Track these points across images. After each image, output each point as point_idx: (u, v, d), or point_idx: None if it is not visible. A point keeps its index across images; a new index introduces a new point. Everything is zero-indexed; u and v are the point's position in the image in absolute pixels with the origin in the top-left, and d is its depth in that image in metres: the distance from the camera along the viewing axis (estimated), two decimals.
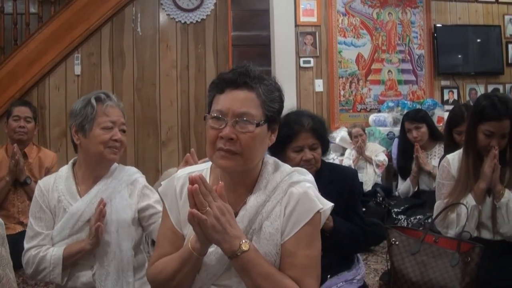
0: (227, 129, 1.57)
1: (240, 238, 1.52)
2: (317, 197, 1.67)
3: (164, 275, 1.65)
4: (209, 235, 1.49)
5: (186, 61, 6.70)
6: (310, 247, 1.63)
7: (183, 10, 6.66)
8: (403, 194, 4.82)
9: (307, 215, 1.62)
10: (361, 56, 7.20)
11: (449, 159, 2.98)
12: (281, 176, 1.69)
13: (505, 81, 7.73)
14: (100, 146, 2.26)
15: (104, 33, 6.41)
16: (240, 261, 1.52)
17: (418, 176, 4.69)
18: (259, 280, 1.53)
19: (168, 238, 1.74)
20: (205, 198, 1.48)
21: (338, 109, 7.07)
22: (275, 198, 1.66)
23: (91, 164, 2.34)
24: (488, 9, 7.77)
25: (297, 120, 2.60)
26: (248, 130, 1.59)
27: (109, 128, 2.28)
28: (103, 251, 2.24)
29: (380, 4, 7.30)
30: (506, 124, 2.72)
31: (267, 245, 1.62)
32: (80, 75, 6.32)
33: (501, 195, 2.72)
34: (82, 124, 2.27)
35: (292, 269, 1.60)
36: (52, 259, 2.19)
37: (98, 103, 2.29)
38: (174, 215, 1.74)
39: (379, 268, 3.90)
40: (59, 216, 2.28)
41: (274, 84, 1.69)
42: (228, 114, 1.59)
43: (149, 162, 6.51)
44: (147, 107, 6.59)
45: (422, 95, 7.34)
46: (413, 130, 4.76)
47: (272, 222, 1.63)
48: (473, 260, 2.36)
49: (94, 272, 2.23)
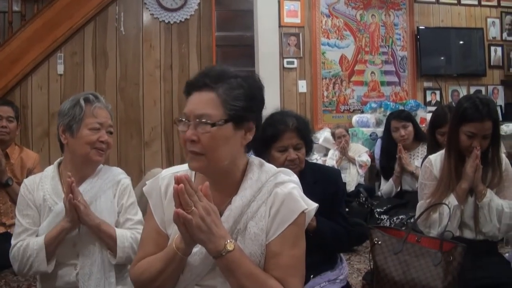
0: (189, 132, 1.59)
1: (225, 238, 1.52)
2: (302, 197, 1.67)
3: (148, 275, 1.64)
4: (194, 235, 1.49)
5: (169, 61, 6.69)
6: (295, 247, 1.63)
7: (166, 9, 6.65)
8: (385, 194, 4.85)
9: (292, 216, 1.61)
10: (345, 57, 7.23)
11: (432, 159, 2.99)
12: (266, 176, 1.69)
13: (487, 83, 7.82)
14: (86, 147, 2.26)
15: (87, 32, 6.36)
16: (225, 261, 1.51)
17: (401, 176, 4.72)
18: (244, 280, 1.52)
19: (152, 238, 1.73)
20: (190, 197, 1.47)
21: (321, 110, 7.09)
22: (260, 198, 1.65)
23: (77, 164, 2.34)
24: (471, 12, 7.85)
25: (281, 120, 2.60)
26: (206, 131, 1.58)
27: (96, 129, 2.28)
28: (86, 251, 2.24)
29: (363, 6, 7.34)
30: (487, 125, 2.74)
31: (252, 245, 1.61)
32: (63, 74, 6.27)
33: (483, 195, 2.74)
34: (69, 124, 2.27)
35: (276, 269, 1.59)
36: (35, 245, 2.17)
37: (86, 104, 2.29)
38: (159, 215, 1.73)
39: (362, 267, 3.91)
40: (45, 215, 2.28)
41: (240, 82, 1.66)
42: (190, 116, 1.60)
43: (132, 162, 6.47)
44: (130, 107, 6.55)
45: (404, 96, 7.39)
46: (400, 128, 4.78)
47: (257, 222, 1.63)
48: (455, 259, 2.38)
49: (77, 271, 2.22)
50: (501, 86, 7.89)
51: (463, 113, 2.79)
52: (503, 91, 7.88)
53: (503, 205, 2.73)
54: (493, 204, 2.72)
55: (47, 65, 6.22)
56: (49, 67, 6.23)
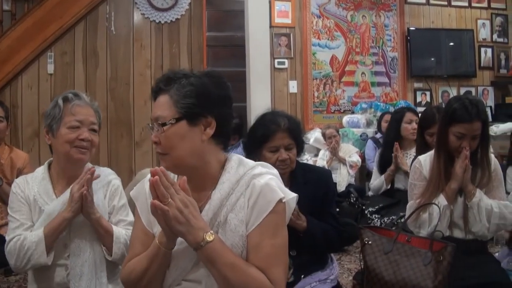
0: (152, 135, 1.68)
1: (204, 229, 1.54)
2: (279, 187, 1.68)
3: (136, 274, 1.67)
4: (172, 227, 1.52)
5: (160, 61, 6.67)
6: (275, 237, 1.64)
7: (157, 9, 6.64)
8: (374, 189, 4.83)
9: (270, 205, 1.63)
10: (335, 58, 7.25)
11: (421, 160, 3.00)
12: (244, 169, 1.72)
13: (477, 84, 7.87)
14: (66, 146, 2.26)
15: (78, 31, 6.33)
16: (205, 252, 1.53)
17: (394, 174, 4.72)
18: (225, 270, 1.54)
19: (139, 239, 1.77)
20: (167, 190, 1.51)
21: (312, 110, 7.11)
22: (239, 190, 1.68)
23: (62, 164, 2.34)
24: (461, 14, 7.90)
25: (273, 120, 2.61)
26: (161, 131, 1.66)
27: (75, 127, 2.27)
28: (77, 251, 2.23)
29: (354, 6, 7.36)
30: (476, 126, 2.75)
31: (233, 236, 1.63)
32: (53, 74, 6.23)
33: (473, 195, 2.74)
34: (50, 125, 2.29)
35: (258, 259, 1.61)
36: (33, 237, 2.17)
37: (65, 103, 2.30)
38: (145, 216, 1.77)
39: (353, 267, 3.93)
40: (36, 215, 2.28)
41: (191, 80, 1.70)
42: (152, 121, 1.69)
43: (123, 162, 6.45)
44: (120, 107, 6.53)
45: (395, 97, 7.42)
46: (414, 122, 4.77)
47: (237, 214, 1.65)
48: (445, 258, 2.38)
49: (68, 272, 2.22)
50: (491, 87, 7.94)
51: (452, 113, 2.80)
52: (493, 92, 7.93)
53: (492, 205, 2.74)
54: (482, 204, 2.73)
55: (37, 65, 6.19)
56: (39, 66, 6.20)
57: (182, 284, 1.67)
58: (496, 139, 6.09)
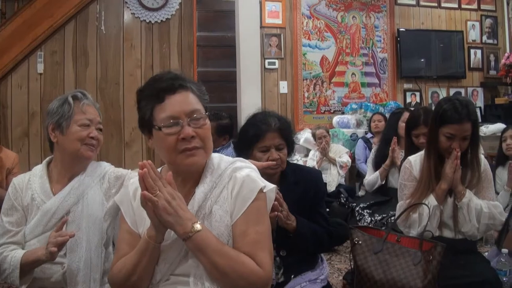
0: (187, 129, 1.68)
1: (192, 220, 1.61)
2: (259, 178, 1.77)
3: (125, 271, 1.69)
4: (161, 217, 1.58)
5: (150, 61, 6.67)
6: (259, 223, 1.70)
7: (147, 9, 6.63)
8: (369, 185, 4.81)
9: (252, 194, 1.70)
10: (325, 58, 7.26)
11: (411, 160, 3.01)
12: (225, 164, 1.79)
13: (466, 85, 7.91)
14: (77, 143, 2.27)
15: (68, 31, 6.32)
16: (194, 241, 1.59)
17: (389, 170, 4.71)
18: (215, 257, 1.60)
19: (125, 240, 1.80)
20: (155, 182, 1.58)
21: (302, 111, 7.12)
22: (221, 183, 1.75)
23: (67, 162, 2.34)
24: (451, 15, 7.94)
25: (264, 120, 2.60)
26: (203, 124, 1.72)
27: (86, 125, 2.30)
28: (74, 248, 2.23)
29: (344, 7, 7.38)
30: (466, 127, 2.76)
31: (218, 227, 1.68)
32: (42, 73, 6.22)
33: (462, 195, 2.75)
34: (59, 122, 2.28)
35: (245, 245, 1.66)
36: (11, 261, 2.17)
37: (75, 101, 2.31)
38: (129, 217, 1.81)
39: (343, 267, 3.93)
40: (32, 214, 2.28)
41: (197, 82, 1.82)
42: (180, 117, 1.68)
43: (112, 163, 6.18)
44: (110, 107, 6.52)
45: (385, 98, 7.45)
46: None
47: (221, 205, 1.71)
48: (435, 258, 2.40)
49: (64, 270, 2.21)
50: (481, 88, 7.98)
51: (442, 114, 2.81)
52: (482, 93, 7.98)
53: (482, 205, 2.75)
54: (472, 205, 2.74)
55: (27, 64, 6.17)
56: (29, 66, 6.18)
57: (171, 279, 1.70)
58: (485, 139, 6.11)
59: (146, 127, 1.75)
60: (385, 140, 4.92)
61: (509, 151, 4.53)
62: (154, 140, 1.74)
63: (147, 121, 1.73)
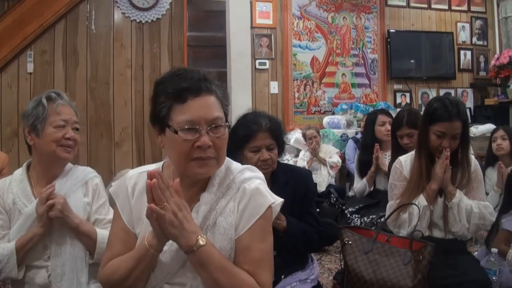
0: (205, 138, 1.57)
1: (197, 233, 1.53)
2: (268, 192, 1.69)
3: (119, 274, 1.62)
4: (166, 230, 1.49)
5: (140, 61, 6.64)
6: (264, 241, 1.65)
7: (138, 8, 6.61)
8: (358, 192, 4.84)
9: (260, 210, 1.64)
10: (316, 59, 7.28)
11: (402, 160, 3.02)
12: (234, 173, 1.71)
13: (456, 86, 7.94)
14: (52, 145, 2.24)
15: (58, 30, 6.28)
16: (197, 255, 1.52)
17: (375, 176, 4.74)
18: (216, 274, 1.53)
19: (120, 238, 1.71)
20: (163, 193, 1.48)
21: (292, 111, 7.13)
22: (229, 194, 1.67)
23: (45, 164, 2.32)
24: (441, 17, 7.98)
25: (255, 120, 2.61)
26: (222, 134, 1.61)
27: (61, 126, 2.26)
28: (58, 251, 2.21)
29: (335, 8, 7.39)
30: (456, 125, 2.77)
31: (221, 240, 1.62)
32: (32, 73, 6.18)
33: (453, 196, 2.76)
34: (34, 124, 2.25)
35: (247, 263, 1.61)
36: (5, 251, 2.14)
37: (49, 103, 2.28)
38: (126, 215, 1.72)
39: (333, 267, 3.93)
40: (15, 218, 2.25)
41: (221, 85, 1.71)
42: (200, 123, 1.58)
43: (102, 163, 6.40)
44: (100, 107, 6.49)
45: (375, 98, 7.47)
46: (387, 123, 4.79)
47: (226, 218, 1.64)
48: (425, 258, 2.41)
49: (49, 273, 2.20)
50: (470, 89, 8.02)
51: (433, 113, 2.82)
52: (472, 94, 8.02)
53: (472, 205, 2.75)
54: (462, 205, 2.74)
55: (16, 63, 6.13)
56: (19, 65, 6.14)
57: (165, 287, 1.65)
58: (475, 140, 6.14)
59: (159, 124, 1.64)
60: (364, 146, 4.99)
61: (499, 152, 4.56)
62: (166, 139, 1.64)
63: (161, 119, 1.62)
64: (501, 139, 4.56)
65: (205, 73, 1.67)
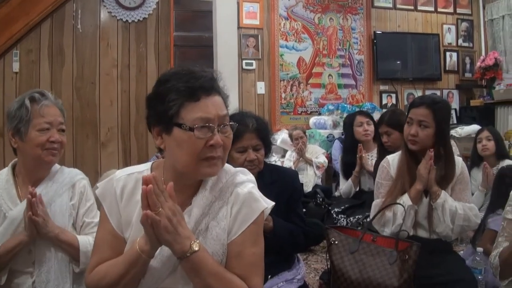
0: (218, 137, 1.57)
1: (190, 238, 1.51)
2: (261, 196, 1.69)
3: (108, 280, 1.58)
4: (160, 236, 1.47)
5: (127, 60, 6.61)
6: (255, 246, 1.64)
7: (124, 8, 6.58)
8: (345, 194, 4.88)
9: (253, 215, 1.63)
10: (303, 59, 7.28)
11: (389, 160, 3.03)
12: (226, 177, 1.70)
13: (442, 87, 7.98)
14: (37, 149, 2.19)
15: (44, 29, 6.24)
16: (190, 261, 1.50)
17: (359, 176, 4.77)
18: (209, 279, 1.52)
19: (107, 242, 1.67)
20: (157, 198, 1.46)
21: (279, 112, 7.14)
22: (221, 198, 1.66)
23: (30, 167, 2.27)
24: (427, 18, 8.01)
25: (241, 120, 2.60)
26: (230, 133, 1.63)
27: (45, 129, 2.21)
28: (42, 257, 2.17)
29: (321, 9, 7.40)
30: (424, 112, 2.79)
31: (214, 245, 1.61)
32: (18, 72, 6.14)
33: (437, 196, 2.77)
34: (17, 128, 2.20)
35: (239, 267, 1.61)
36: None
37: (32, 104, 2.21)
38: (115, 218, 1.68)
39: (319, 267, 3.94)
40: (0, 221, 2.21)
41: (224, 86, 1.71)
42: (214, 121, 1.57)
43: (88, 163, 6.36)
44: (86, 106, 6.45)
45: (361, 99, 7.49)
46: (365, 123, 4.84)
47: (219, 222, 1.63)
48: (410, 257, 2.42)
49: (33, 279, 2.16)
50: (456, 90, 8.06)
51: (410, 105, 2.90)
52: (457, 95, 8.06)
53: (457, 206, 2.76)
54: (446, 205, 2.75)
55: (2, 63, 6.08)
56: (4, 64, 6.09)
57: None
58: (460, 141, 6.19)
59: (164, 123, 1.59)
60: (346, 148, 5.06)
61: (484, 152, 4.60)
62: (172, 140, 1.59)
63: (169, 117, 1.57)
64: (486, 140, 4.59)
65: (214, 73, 1.68)
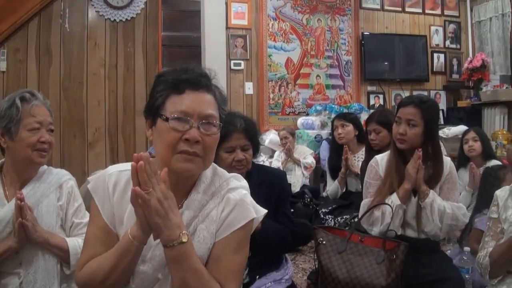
0: (194, 131, 1.54)
1: (181, 228, 1.48)
2: (252, 205, 1.67)
3: (101, 272, 1.54)
4: (151, 218, 1.44)
5: (114, 60, 6.59)
6: (237, 253, 1.62)
7: (112, 7, 6.56)
8: (332, 195, 4.90)
9: (240, 222, 1.61)
10: (291, 60, 7.29)
11: (378, 159, 3.03)
12: (219, 181, 1.69)
13: (429, 88, 8.01)
14: (27, 150, 2.17)
15: (31, 28, 6.21)
16: (175, 251, 1.46)
17: (346, 177, 4.79)
18: (188, 274, 1.49)
19: (99, 238, 1.63)
20: (149, 178, 1.43)
21: (267, 112, 7.14)
22: (213, 202, 1.64)
23: (18, 167, 2.25)
24: (415, 20, 8.05)
25: (229, 120, 2.59)
26: (212, 132, 1.58)
27: (35, 129, 2.19)
28: (30, 258, 2.16)
29: (310, 10, 7.41)
30: (412, 111, 2.81)
31: (199, 248, 1.58)
32: (5, 71, 6.10)
33: (426, 196, 2.77)
34: (8, 127, 2.17)
35: (216, 271, 1.58)
36: None
37: (23, 103, 2.19)
38: (107, 213, 1.64)
39: (307, 267, 3.95)
40: None
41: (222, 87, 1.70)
42: (193, 116, 1.55)
43: (76, 164, 6.33)
44: (73, 106, 6.42)
45: (349, 100, 7.51)
46: (339, 127, 4.88)
47: (208, 226, 1.61)
48: (398, 257, 2.43)
49: (21, 280, 2.14)
50: (443, 91, 8.10)
51: (398, 105, 2.92)
52: (445, 96, 8.09)
53: (445, 206, 2.76)
54: (435, 205, 2.76)
55: None
56: None
57: None
58: (447, 141, 6.22)
59: (153, 114, 1.61)
60: (332, 150, 5.12)
61: (471, 153, 4.62)
62: (155, 131, 1.60)
63: (156, 108, 1.59)
64: (472, 141, 4.61)
65: (207, 70, 1.67)
